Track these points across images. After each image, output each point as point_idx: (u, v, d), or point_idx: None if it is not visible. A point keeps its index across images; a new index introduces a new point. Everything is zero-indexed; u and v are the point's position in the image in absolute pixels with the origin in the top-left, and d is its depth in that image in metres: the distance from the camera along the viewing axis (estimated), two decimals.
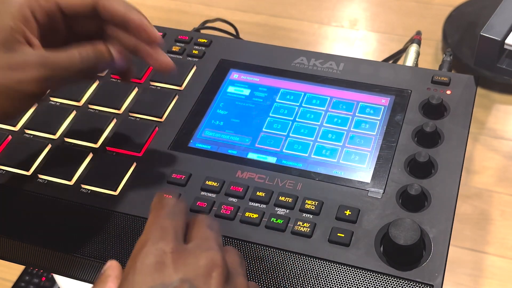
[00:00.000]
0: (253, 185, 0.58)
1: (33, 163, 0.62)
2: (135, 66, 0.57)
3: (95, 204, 0.59)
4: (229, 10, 1.87)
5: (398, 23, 1.78)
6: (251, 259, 0.54)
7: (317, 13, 1.84)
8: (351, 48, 1.73)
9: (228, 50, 0.73)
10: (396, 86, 0.67)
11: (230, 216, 0.56)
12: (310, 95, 0.67)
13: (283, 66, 0.70)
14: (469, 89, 0.66)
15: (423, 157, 0.57)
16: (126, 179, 0.60)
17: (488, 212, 1.36)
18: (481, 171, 1.43)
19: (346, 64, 0.70)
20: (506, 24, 0.65)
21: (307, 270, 0.52)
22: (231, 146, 0.63)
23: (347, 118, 0.64)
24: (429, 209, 0.55)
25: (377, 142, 0.62)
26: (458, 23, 1.71)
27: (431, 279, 0.51)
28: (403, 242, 0.50)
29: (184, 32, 0.75)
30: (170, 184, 0.59)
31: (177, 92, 0.68)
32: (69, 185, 0.61)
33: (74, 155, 0.62)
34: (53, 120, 0.66)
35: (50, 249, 0.57)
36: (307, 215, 0.56)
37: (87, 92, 0.68)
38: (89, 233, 0.57)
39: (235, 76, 0.70)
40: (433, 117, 0.63)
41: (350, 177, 0.59)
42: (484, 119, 1.54)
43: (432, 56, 1.68)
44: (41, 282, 1.25)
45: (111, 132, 0.64)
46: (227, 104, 0.67)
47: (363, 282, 0.51)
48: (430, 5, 1.83)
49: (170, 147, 0.63)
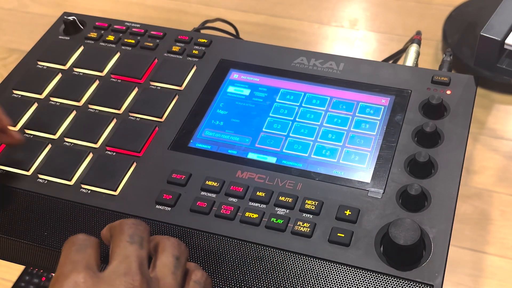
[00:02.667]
0: (253, 185, 0.58)
1: (33, 163, 0.62)
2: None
3: (95, 204, 0.59)
4: (229, 10, 1.87)
5: (398, 23, 1.78)
6: (251, 259, 0.54)
7: (317, 13, 1.84)
8: (351, 48, 1.73)
9: (228, 50, 0.73)
10: (396, 86, 0.67)
11: (230, 216, 0.56)
12: (310, 95, 0.67)
13: (283, 66, 0.70)
14: (469, 89, 0.65)
15: (423, 157, 0.57)
16: (126, 179, 0.60)
17: (488, 212, 1.36)
18: (481, 171, 1.43)
19: (346, 64, 0.70)
20: (506, 24, 0.65)
21: (307, 270, 0.52)
22: (231, 146, 0.63)
23: (347, 118, 0.64)
24: (429, 209, 0.55)
25: (377, 142, 0.62)
26: (458, 23, 1.71)
27: (431, 279, 0.51)
28: (403, 242, 0.50)
29: (184, 32, 0.75)
30: (170, 184, 0.59)
31: (177, 92, 0.68)
32: (69, 185, 0.61)
33: (74, 155, 0.62)
34: (53, 120, 0.66)
35: (50, 249, 0.57)
36: (307, 215, 0.56)
37: (87, 92, 0.68)
38: (89, 233, 0.57)
39: (235, 76, 0.70)
40: (433, 117, 0.63)
41: (350, 177, 0.59)
42: (484, 119, 1.54)
43: (432, 56, 1.68)
44: (41, 282, 1.25)
45: (111, 132, 0.64)
46: (227, 104, 0.67)
47: (363, 282, 0.51)
48: (430, 5, 1.83)
49: (170, 147, 0.63)
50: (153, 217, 0.57)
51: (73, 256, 0.43)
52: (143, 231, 0.45)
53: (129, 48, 0.74)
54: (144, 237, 0.44)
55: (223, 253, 0.54)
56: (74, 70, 0.71)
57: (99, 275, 0.42)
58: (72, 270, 0.41)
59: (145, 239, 0.44)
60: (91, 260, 0.43)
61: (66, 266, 0.42)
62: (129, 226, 0.44)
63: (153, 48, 0.73)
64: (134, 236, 0.44)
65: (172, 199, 0.58)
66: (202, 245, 0.55)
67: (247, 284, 0.52)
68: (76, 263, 0.42)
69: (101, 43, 0.75)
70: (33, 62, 0.73)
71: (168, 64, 0.71)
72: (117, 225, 0.45)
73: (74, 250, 0.43)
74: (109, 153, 0.63)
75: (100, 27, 0.77)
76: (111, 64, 0.72)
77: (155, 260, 0.44)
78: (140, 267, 0.42)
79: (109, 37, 0.75)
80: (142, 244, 0.44)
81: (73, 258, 0.42)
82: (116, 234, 0.44)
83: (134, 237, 0.44)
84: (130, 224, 0.45)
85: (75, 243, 0.44)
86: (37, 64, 0.73)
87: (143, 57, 0.72)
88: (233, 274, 0.53)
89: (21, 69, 0.73)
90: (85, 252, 0.43)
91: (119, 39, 0.75)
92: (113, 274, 0.41)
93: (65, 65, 0.72)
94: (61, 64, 0.72)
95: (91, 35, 0.75)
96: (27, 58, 0.74)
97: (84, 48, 0.74)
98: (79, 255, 0.43)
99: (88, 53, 0.73)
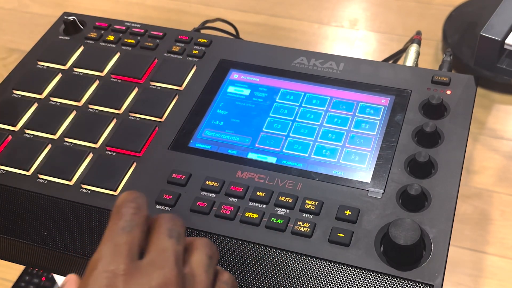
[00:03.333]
0: (253, 185, 0.58)
1: (33, 163, 0.62)
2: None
3: (95, 204, 0.59)
4: (229, 10, 1.87)
5: (398, 23, 1.78)
6: (251, 259, 0.54)
7: (317, 13, 1.84)
8: (351, 48, 1.73)
9: (228, 50, 0.73)
10: (396, 86, 0.67)
11: (230, 216, 0.56)
12: (310, 95, 0.67)
13: (283, 66, 0.70)
14: (469, 89, 0.65)
15: (423, 157, 0.57)
16: (126, 179, 0.60)
17: (488, 212, 1.36)
18: (481, 171, 1.43)
19: (346, 64, 0.70)
20: (506, 24, 0.65)
21: (307, 270, 0.52)
22: (231, 146, 0.63)
23: (347, 118, 0.64)
24: (429, 209, 0.55)
25: (377, 142, 0.62)
26: (458, 23, 1.71)
27: (431, 279, 0.51)
28: (403, 242, 0.50)
29: (184, 32, 0.75)
30: (170, 184, 0.59)
31: (177, 92, 0.68)
32: (69, 185, 0.61)
33: (74, 155, 0.62)
34: (53, 120, 0.66)
35: (50, 249, 0.57)
36: (307, 215, 0.56)
37: (87, 92, 0.68)
38: (89, 233, 0.57)
39: (235, 76, 0.70)
40: (433, 117, 0.63)
41: (350, 177, 0.59)
42: (484, 119, 1.54)
43: (432, 56, 1.68)
44: (41, 282, 1.25)
45: (111, 132, 0.64)
46: (227, 104, 0.67)
47: (363, 282, 0.51)
48: (430, 5, 1.83)
49: (170, 147, 0.63)
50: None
51: (117, 237, 0.41)
52: (180, 227, 0.44)
53: (129, 48, 0.74)
54: (181, 232, 0.44)
55: (223, 253, 0.54)
56: (74, 70, 0.71)
57: (137, 264, 0.40)
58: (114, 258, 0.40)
59: (182, 235, 0.44)
60: (134, 245, 0.41)
61: (107, 250, 0.40)
62: (168, 220, 0.44)
63: (153, 48, 0.73)
64: (172, 230, 0.43)
65: (172, 199, 0.58)
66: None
67: (247, 284, 0.52)
68: (118, 248, 0.40)
69: (101, 43, 0.75)
70: (33, 62, 0.73)
71: (168, 64, 0.71)
72: (155, 219, 0.44)
73: (119, 229, 0.42)
74: (109, 153, 0.63)
75: (100, 27, 0.77)
76: (111, 64, 0.72)
77: (188, 257, 0.44)
78: (177, 262, 0.41)
79: (109, 37, 0.75)
80: (179, 239, 0.43)
81: (117, 241, 0.41)
82: (155, 226, 0.43)
83: (172, 231, 0.43)
84: (169, 219, 0.44)
85: (122, 218, 0.42)
86: (37, 64, 0.73)
87: (143, 57, 0.72)
88: (233, 274, 0.53)
89: (21, 69, 0.73)
90: (130, 233, 0.41)
91: (119, 39, 0.75)
92: (150, 266, 0.40)
93: (65, 65, 0.72)
94: (61, 64, 0.72)
95: (91, 35, 0.75)
96: (27, 58, 0.74)
97: (84, 48, 0.74)
98: (123, 236, 0.41)
99: (88, 53, 0.73)
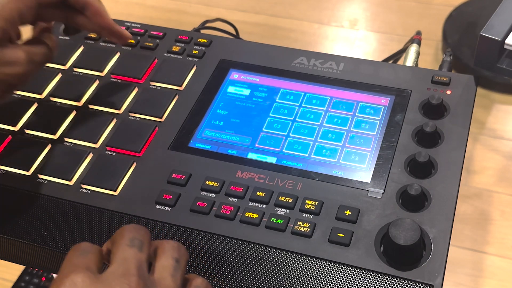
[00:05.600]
0: (253, 185, 0.58)
1: (33, 163, 0.62)
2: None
3: (95, 204, 0.59)
4: (229, 10, 1.87)
5: (398, 23, 1.78)
6: (251, 259, 0.54)
7: (317, 13, 1.84)
8: (351, 48, 1.73)
9: (228, 50, 0.73)
10: (396, 86, 0.67)
11: (230, 216, 0.56)
12: (310, 95, 0.67)
13: (283, 66, 0.70)
14: (469, 89, 0.66)
15: (423, 157, 0.57)
16: (126, 179, 0.60)
17: (488, 212, 1.36)
18: (481, 171, 1.43)
19: (346, 64, 0.70)
20: (506, 24, 0.65)
21: (307, 270, 0.52)
22: (231, 146, 0.63)
23: (347, 118, 0.64)
24: (429, 209, 0.55)
25: (377, 142, 0.62)
26: (458, 23, 1.71)
27: (431, 279, 0.51)
28: (403, 242, 0.50)
29: (184, 32, 0.75)
30: (170, 184, 0.59)
31: (177, 92, 0.68)
32: (69, 185, 0.61)
33: (74, 155, 0.62)
34: (53, 120, 0.66)
35: (50, 249, 0.57)
36: (307, 215, 0.56)
37: (87, 92, 0.68)
38: (89, 233, 0.57)
39: (235, 76, 0.70)
40: (433, 117, 0.63)
41: (350, 177, 0.59)
42: (484, 119, 1.54)
43: (432, 56, 1.68)
44: (41, 282, 1.25)
45: (111, 132, 0.64)
46: (227, 104, 0.67)
47: (363, 282, 0.51)
48: (430, 5, 1.83)
49: (170, 147, 0.63)
50: (153, 217, 0.57)
51: (74, 259, 0.43)
52: (143, 236, 0.45)
53: (129, 48, 0.74)
54: (144, 241, 0.44)
55: (223, 253, 0.54)
56: (74, 70, 0.71)
57: (98, 276, 0.42)
58: (72, 271, 0.42)
59: (145, 243, 0.44)
60: (92, 263, 0.43)
61: (66, 268, 0.42)
62: (130, 231, 0.45)
63: (153, 48, 0.73)
64: (134, 240, 0.44)
65: (172, 199, 0.58)
66: (202, 245, 0.55)
67: (247, 284, 0.52)
68: (76, 265, 0.42)
69: (101, 43, 0.75)
70: None
71: (168, 64, 0.71)
72: (118, 231, 0.45)
73: (76, 255, 0.44)
74: (109, 153, 0.63)
75: None
76: (111, 64, 0.72)
77: (154, 263, 0.45)
78: (138, 269, 0.42)
79: None
80: (142, 247, 0.44)
81: (74, 262, 0.43)
82: (117, 238, 0.44)
83: (134, 240, 0.44)
84: (131, 229, 0.45)
85: (77, 249, 0.44)
86: None
87: (143, 57, 0.72)
88: (233, 274, 0.53)
89: None
90: (86, 256, 0.43)
91: None
92: (110, 275, 0.41)
93: (65, 65, 0.72)
94: (61, 64, 0.72)
95: (91, 35, 0.75)
96: None
97: (84, 48, 0.74)
98: (80, 258, 0.43)
99: (88, 53, 0.73)
